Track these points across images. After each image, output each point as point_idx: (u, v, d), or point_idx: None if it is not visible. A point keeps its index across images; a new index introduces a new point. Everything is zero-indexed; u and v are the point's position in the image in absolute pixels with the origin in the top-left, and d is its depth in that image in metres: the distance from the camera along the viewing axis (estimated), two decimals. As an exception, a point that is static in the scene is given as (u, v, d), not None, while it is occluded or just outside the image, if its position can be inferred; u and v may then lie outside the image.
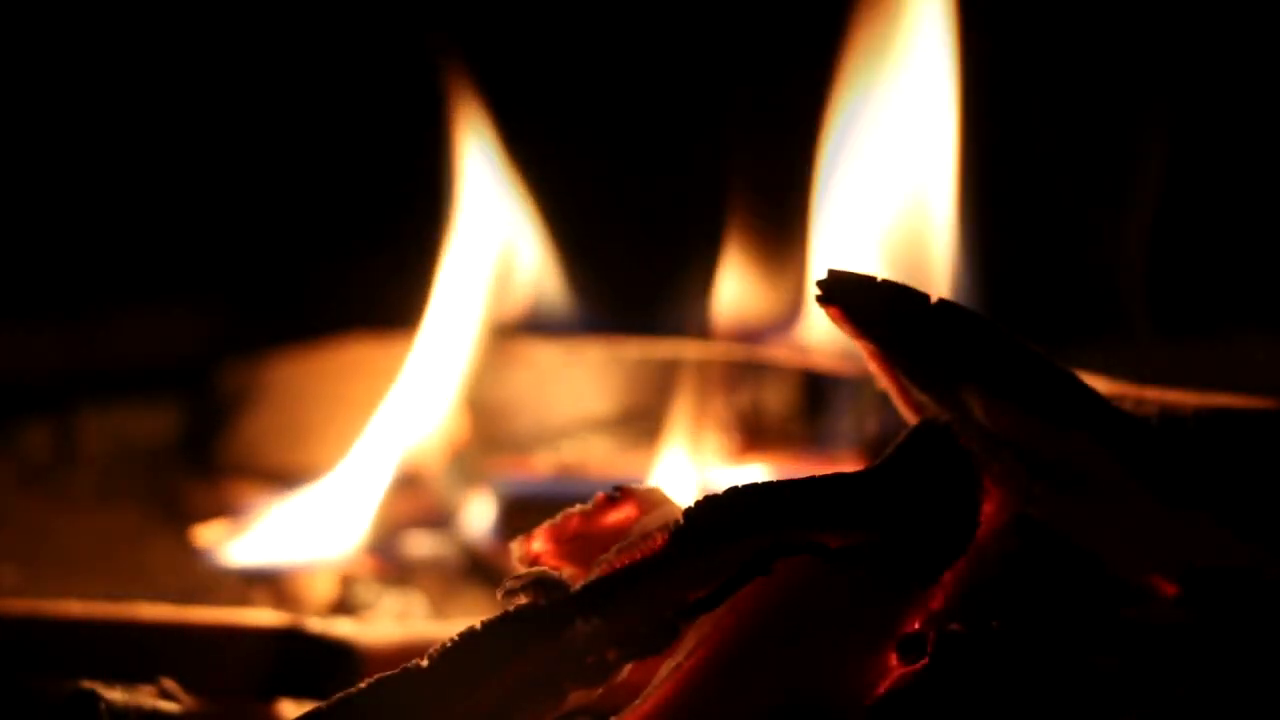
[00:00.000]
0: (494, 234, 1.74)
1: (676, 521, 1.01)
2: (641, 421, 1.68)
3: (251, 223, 2.51)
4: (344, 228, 2.48)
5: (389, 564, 1.74)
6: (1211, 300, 2.18)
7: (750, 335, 1.61)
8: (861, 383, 1.50)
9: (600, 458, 1.71)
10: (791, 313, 1.59)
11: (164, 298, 2.48)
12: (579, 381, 1.72)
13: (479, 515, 1.81)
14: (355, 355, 2.03)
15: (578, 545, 1.08)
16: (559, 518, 1.09)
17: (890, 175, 1.57)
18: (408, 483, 1.73)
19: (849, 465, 1.47)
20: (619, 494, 1.09)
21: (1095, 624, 1.08)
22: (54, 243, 2.48)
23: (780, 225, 1.66)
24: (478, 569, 1.77)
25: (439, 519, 1.83)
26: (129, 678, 1.23)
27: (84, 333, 2.41)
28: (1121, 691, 1.05)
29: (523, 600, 1.01)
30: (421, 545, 1.80)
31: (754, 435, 1.60)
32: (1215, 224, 2.28)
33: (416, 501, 1.82)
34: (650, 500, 1.08)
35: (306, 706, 1.01)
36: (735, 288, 1.65)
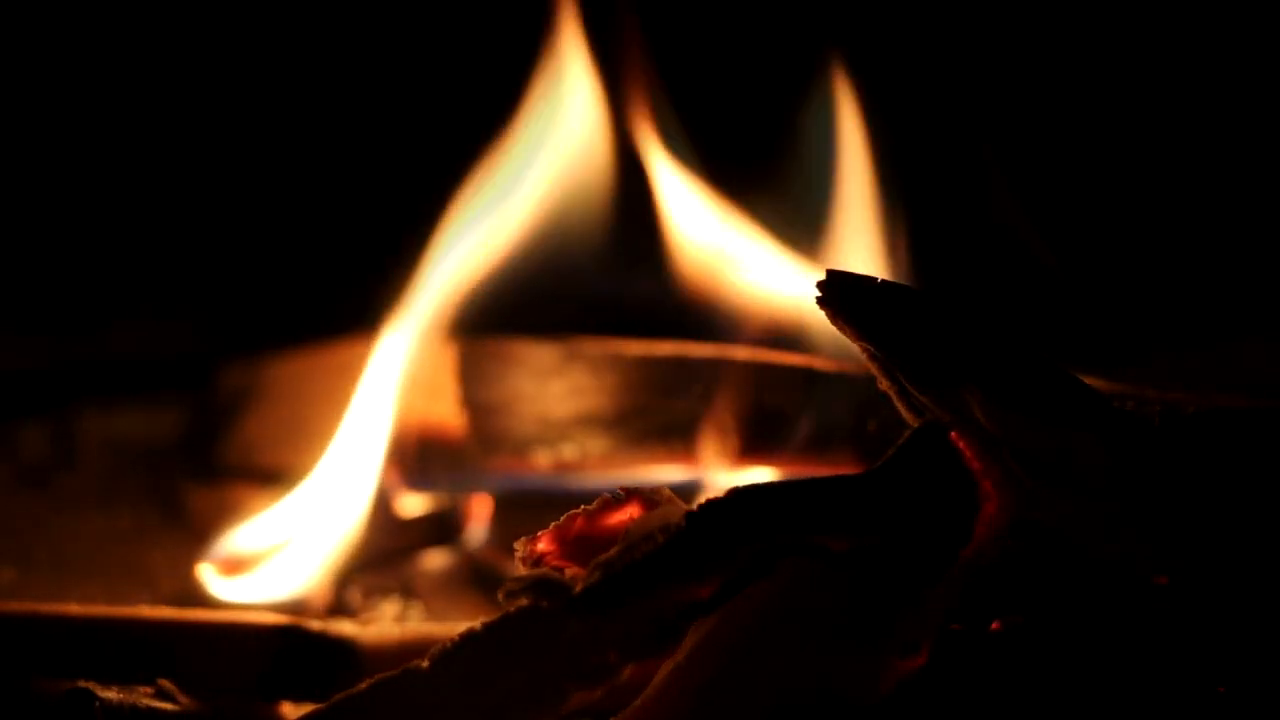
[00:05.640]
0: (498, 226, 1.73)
1: (678, 523, 1.01)
2: (642, 421, 1.68)
3: (252, 223, 2.51)
4: (344, 228, 2.48)
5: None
6: (1213, 308, 2.19)
7: (750, 335, 1.62)
8: (861, 382, 1.49)
9: (601, 458, 1.71)
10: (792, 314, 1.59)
11: (164, 298, 2.48)
12: (579, 381, 1.72)
13: (479, 517, 1.80)
14: (355, 355, 2.02)
15: (581, 546, 1.08)
16: (563, 518, 1.09)
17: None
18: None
19: (849, 467, 1.48)
20: (623, 494, 1.09)
21: (1094, 623, 1.08)
22: (55, 242, 2.48)
23: (779, 225, 1.66)
24: (477, 572, 1.77)
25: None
26: (128, 678, 1.23)
27: (84, 333, 2.41)
28: (1121, 691, 1.06)
29: (524, 602, 1.01)
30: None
31: (754, 436, 1.60)
32: (1214, 228, 2.28)
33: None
34: (653, 501, 1.08)
35: (306, 707, 1.01)
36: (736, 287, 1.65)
